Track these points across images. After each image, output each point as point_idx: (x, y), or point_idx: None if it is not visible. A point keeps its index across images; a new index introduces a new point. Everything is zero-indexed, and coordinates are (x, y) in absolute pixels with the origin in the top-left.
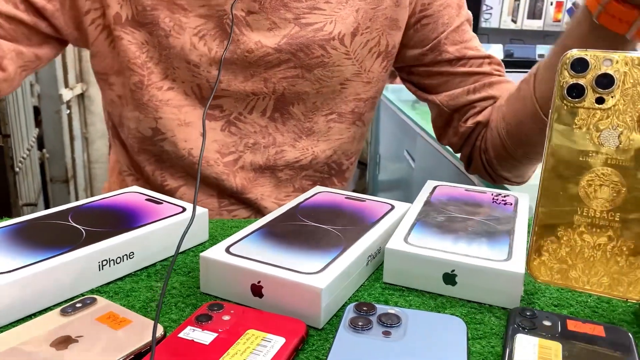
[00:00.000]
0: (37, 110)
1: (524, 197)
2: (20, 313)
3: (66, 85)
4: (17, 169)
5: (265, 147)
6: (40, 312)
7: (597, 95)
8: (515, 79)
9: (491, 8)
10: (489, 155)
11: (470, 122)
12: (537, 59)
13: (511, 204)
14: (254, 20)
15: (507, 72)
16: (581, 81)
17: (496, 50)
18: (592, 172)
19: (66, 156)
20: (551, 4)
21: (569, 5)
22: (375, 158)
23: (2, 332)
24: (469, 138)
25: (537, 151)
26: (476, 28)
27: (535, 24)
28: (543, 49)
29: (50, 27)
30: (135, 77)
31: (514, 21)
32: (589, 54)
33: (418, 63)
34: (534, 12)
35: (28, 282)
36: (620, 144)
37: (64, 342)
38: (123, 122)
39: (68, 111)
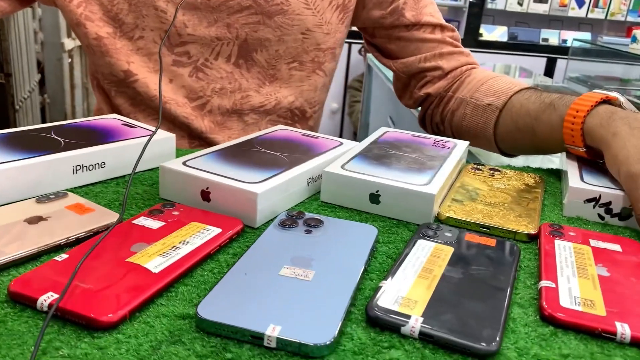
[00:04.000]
0: (39, 58)
1: (463, 143)
2: (4, 200)
3: (69, 35)
4: (17, 107)
5: (231, 92)
6: (20, 202)
7: None
8: (518, 62)
9: None
10: (441, 130)
11: (422, 92)
12: (540, 42)
13: (449, 148)
14: None
15: (510, 54)
16: None
17: (501, 32)
18: None
19: (66, 103)
20: None
21: None
22: (365, 126)
23: None
24: (422, 105)
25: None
26: (482, 9)
27: (541, 8)
28: (547, 34)
29: None
30: (108, 27)
31: (520, 4)
32: None
33: (379, 25)
34: None
35: (12, 175)
36: None
37: (36, 220)
38: (97, 69)
39: (70, 60)
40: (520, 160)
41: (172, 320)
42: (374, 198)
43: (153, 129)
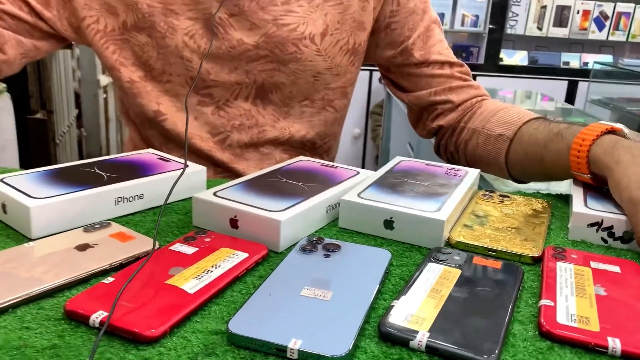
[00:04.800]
0: (77, 93)
1: (474, 171)
2: (55, 229)
3: (104, 72)
4: (57, 141)
5: (249, 127)
6: (69, 231)
7: None
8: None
9: (517, 15)
10: (455, 158)
11: (434, 124)
12: (561, 66)
13: (460, 176)
14: (236, 21)
15: (531, 78)
16: None
17: (521, 57)
18: None
19: (101, 136)
20: (577, 12)
21: (596, 14)
22: (385, 152)
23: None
24: (435, 136)
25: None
26: (501, 34)
27: (561, 32)
28: (568, 57)
29: (49, 28)
30: (140, 72)
31: (540, 28)
32: None
33: (390, 64)
34: (560, 20)
35: (62, 206)
36: None
37: (84, 248)
38: (130, 108)
39: (105, 95)
40: (532, 185)
41: (207, 335)
42: (388, 224)
43: (187, 162)
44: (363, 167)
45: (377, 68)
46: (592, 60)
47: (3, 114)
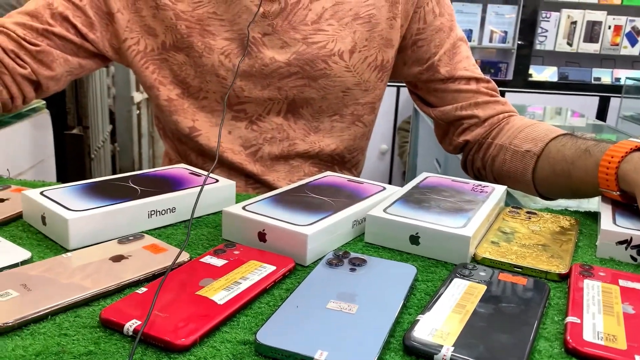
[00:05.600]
0: (111, 110)
1: (500, 188)
2: (91, 241)
3: (137, 89)
4: (92, 156)
5: (280, 140)
6: (104, 242)
7: None
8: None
9: (546, 31)
10: (482, 174)
11: (461, 139)
12: (592, 81)
13: (486, 192)
14: (269, 40)
15: (562, 94)
16: None
17: (551, 73)
18: None
19: (134, 151)
20: (609, 27)
21: (628, 29)
22: (412, 168)
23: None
24: (462, 151)
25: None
26: (530, 50)
27: (592, 48)
28: (599, 72)
29: (94, 48)
30: (177, 89)
31: (570, 44)
32: None
33: (417, 80)
34: (591, 36)
35: (98, 219)
36: None
37: (119, 259)
38: (166, 124)
39: (138, 111)
40: (561, 202)
41: (235, 345)
42: (414, 239)
43: (216, 177)
44: (390, 183)
45: (404, 84)
46: (624, 75)
47: (43, 130)
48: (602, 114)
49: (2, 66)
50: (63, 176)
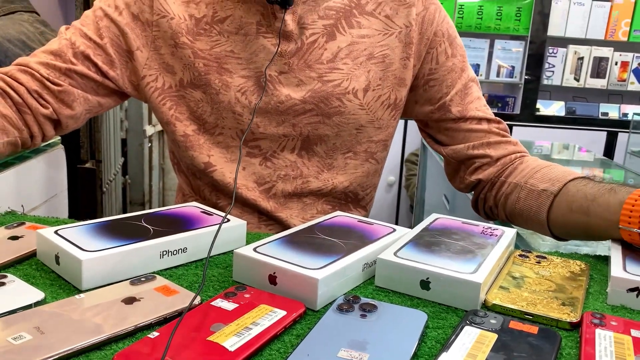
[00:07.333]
0: (124, 142)
1: (510, 231)
2: (103, 282)
3: (149, 122)
4: (104, 189)
5: (294, 178)
6: (116, 283)
7: None
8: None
9: (553, 66)
10: (495, 213)
11: (473, 177)
12: (599, 116)
13: (496, 236)
14: (285, 78)
15: (569, 129)
16: None
17: (558, 107)
18: None
19: (144, 183)
20: (616, 63)
21: (635, 65)
22: (420, 202)
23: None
24: (474, 190)
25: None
26: (537, 84)
27: (599, 83)
28: (607, 108)
29: (114, 85)
30: (193, 125)
31: (577, 79)
32: None
33: (428, 119)
34: (598, 72)
35: (111, 260)
36: None
37: (130, 301)
38: (181, 159)
39: (149, 144)
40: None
41: None
42: (425, 284)
43: (228, 216)
44: (397, 216)
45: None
46: (632, 111)
47: (57, 165)
48: (609, 148)
49: (25, 106)
50: (75, 210)
